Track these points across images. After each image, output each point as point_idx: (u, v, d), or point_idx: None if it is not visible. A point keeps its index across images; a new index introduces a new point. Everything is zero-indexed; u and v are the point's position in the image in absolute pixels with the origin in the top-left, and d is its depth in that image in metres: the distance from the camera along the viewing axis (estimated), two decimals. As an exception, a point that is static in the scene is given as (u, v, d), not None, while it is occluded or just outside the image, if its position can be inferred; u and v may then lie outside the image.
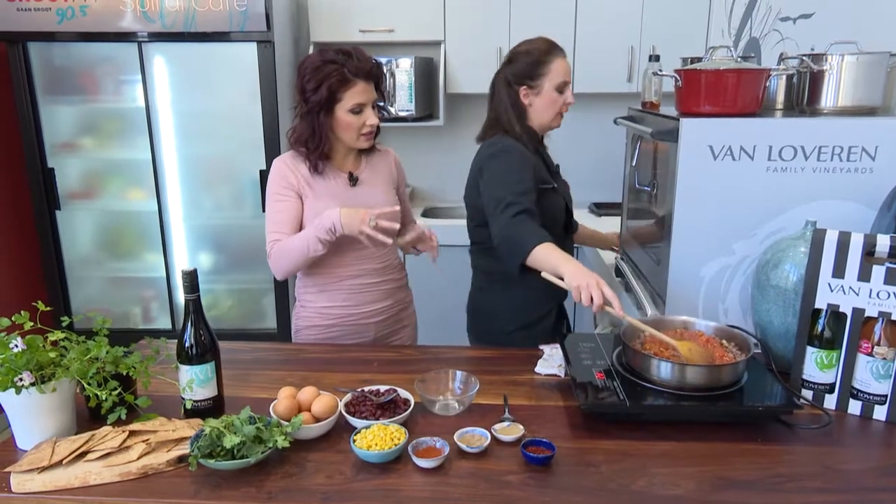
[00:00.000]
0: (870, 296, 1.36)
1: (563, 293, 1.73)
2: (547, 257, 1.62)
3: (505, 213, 1.72)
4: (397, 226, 1.72)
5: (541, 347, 1.70)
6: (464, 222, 2.01)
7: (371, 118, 1.78)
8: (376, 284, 1.90)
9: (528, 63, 1.87)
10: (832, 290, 1.40)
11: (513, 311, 1.95)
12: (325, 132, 1.77)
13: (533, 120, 1.91)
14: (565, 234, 2.00)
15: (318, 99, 1.71)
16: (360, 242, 1.74)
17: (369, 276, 1.88)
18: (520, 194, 1.74)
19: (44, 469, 1.19)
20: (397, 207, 1.81)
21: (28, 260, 3.39)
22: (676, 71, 1.80)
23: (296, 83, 1.77)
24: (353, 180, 1.85)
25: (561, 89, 1.88)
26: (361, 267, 1.87)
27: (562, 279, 1.55)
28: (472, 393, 1.43)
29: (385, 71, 3.24)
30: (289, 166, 1.82)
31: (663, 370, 1.38)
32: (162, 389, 1.44)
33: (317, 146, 1.77)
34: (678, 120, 1.73)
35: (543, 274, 1.60)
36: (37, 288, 3.39)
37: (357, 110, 1.74)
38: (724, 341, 1.52)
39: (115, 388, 1.30)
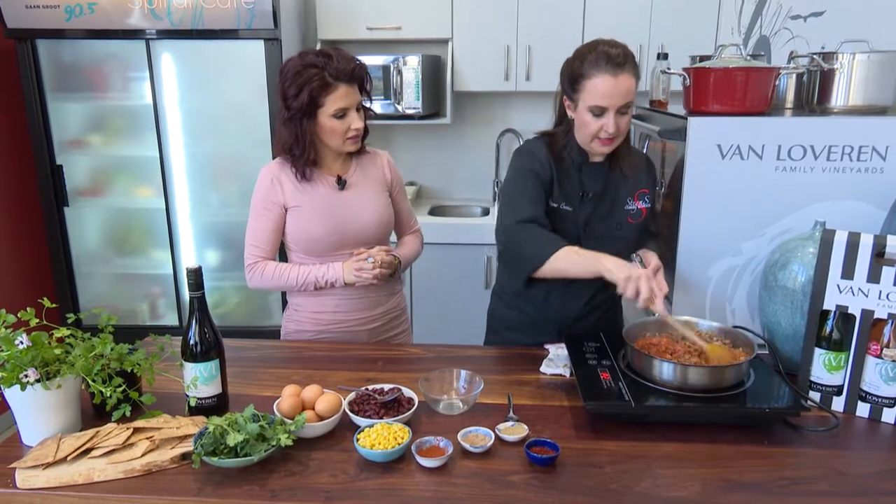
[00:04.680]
0: (879, 297, 1.35)
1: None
2: (578, 256, 1.56)
3: (512, 217, 1.64)
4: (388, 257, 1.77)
5: (546, 347, 1.69)
6: (470, 220, 1.99)
7: (355, 122, 1.70)
8: (369, 292, 1.86)
9: (568, 73, 1.63)
10: (841, 292, 1.39)
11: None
12: (310, 138, 1.71)
13: (576, 134, 1.69)
14: None
15: (299, 105, 1.65)
16: (351, 249, 1.78)
17: (362, 283, 1.80)
18: (531, 202, 1.65)
19: (48, 465, 1.20)
20: (380, 248, 1.78)
21: (36, 256, 3.41)
22: (685, 69, 1.79)
23: (278, 88, 1.72)
24: (342, 183, 1.80)
25: (595, 113, 1.59)
26: None
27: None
28: (476, 392, 1.42)
29: (392, 69, 3.25)
30: (275, 177, 1.77)
31: (666, 371, 1.37)
32: (166, 387, 1.44)
33: (302, 152, 1.71)
34: (686, 119, 1.72)
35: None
36: (44, 284, 3.41)
37: (340, 115, 1.68)
38: (728, 342, 1.51)
39: (120, 385, 1.30)
